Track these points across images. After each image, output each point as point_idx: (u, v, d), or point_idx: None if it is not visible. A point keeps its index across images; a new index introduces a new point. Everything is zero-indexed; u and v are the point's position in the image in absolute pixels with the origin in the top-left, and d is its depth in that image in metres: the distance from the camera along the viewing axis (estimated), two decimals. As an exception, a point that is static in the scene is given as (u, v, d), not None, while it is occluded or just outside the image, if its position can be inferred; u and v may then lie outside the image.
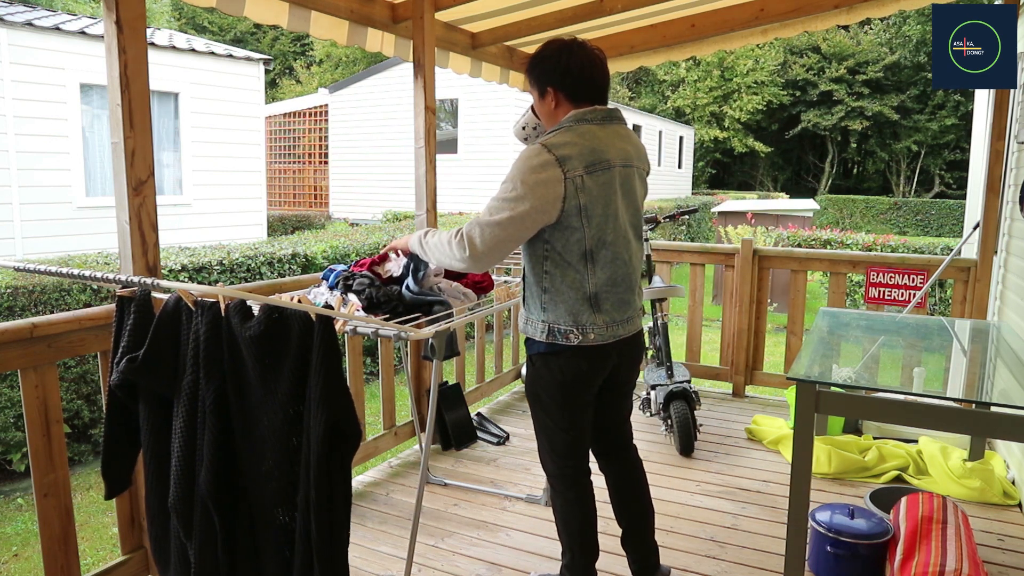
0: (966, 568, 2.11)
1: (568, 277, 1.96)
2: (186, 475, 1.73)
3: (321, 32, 3.17)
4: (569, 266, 1.95)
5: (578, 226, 1.92)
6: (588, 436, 2.23)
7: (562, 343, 2.00)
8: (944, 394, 2.35)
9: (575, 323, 1.98)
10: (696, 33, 4.02)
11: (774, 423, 3.91)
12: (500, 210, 1.89)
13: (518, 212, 1.87)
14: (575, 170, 1.89)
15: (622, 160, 2.00)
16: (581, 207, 1.91)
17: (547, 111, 2.07)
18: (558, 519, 2.27)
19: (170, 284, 1.77)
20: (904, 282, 3.99)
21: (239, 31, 27.82)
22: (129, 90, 2.08)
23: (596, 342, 2.00)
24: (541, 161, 1.88)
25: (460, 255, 1.93)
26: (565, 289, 1.97)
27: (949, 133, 24.24)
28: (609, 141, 1.98)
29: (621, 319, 2.05)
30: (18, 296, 4.31)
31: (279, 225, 12.48)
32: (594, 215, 1.93)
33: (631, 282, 2.06)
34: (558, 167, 1.87)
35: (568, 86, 2.01)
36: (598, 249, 1.96)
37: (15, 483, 4.35)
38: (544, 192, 1.87)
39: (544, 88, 2.04)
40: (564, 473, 2.21)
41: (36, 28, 8.13)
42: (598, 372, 2.09)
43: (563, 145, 1.91)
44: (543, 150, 1.90)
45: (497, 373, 4.54)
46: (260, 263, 5.74)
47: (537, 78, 2.06)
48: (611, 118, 2.03)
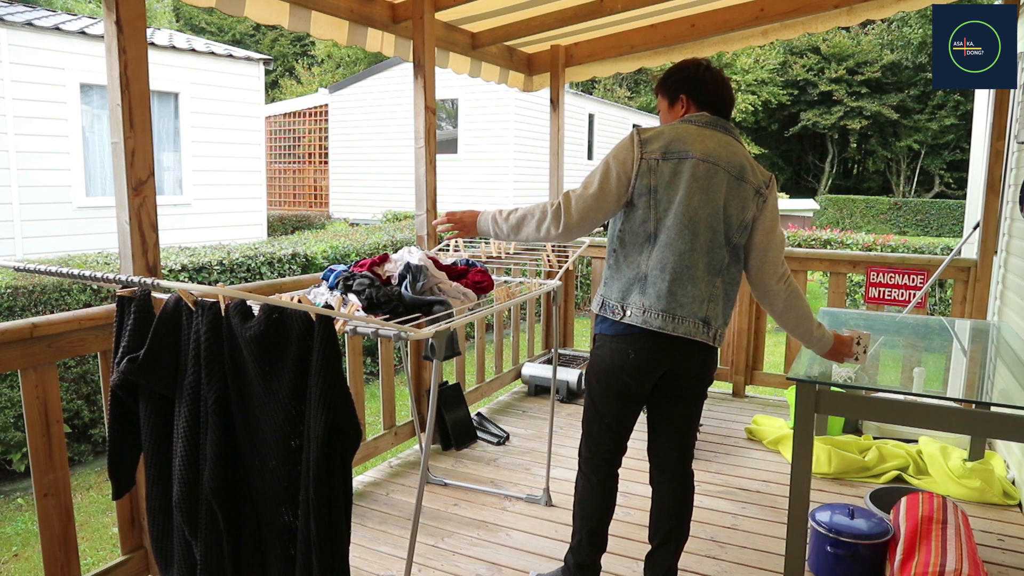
0: (966, 568, 2.11)
1: (630, 258, 2.06)
2: (190, 474, 1.73)
3: (321, 32, 3.17)
4: (633, 248, 2.05)
5: (645, 207, 2.02)
6: (626, 431, 2.22)
7: (609, 317, 2.08)
8: (944, 394, 2.35)
9: (622, 299, 2.05)
10: (696, 33, 4.02)
11: (774, 423, 3.91)
12: (590, 184, 2.06)
13: (604, 184, 2.04)
14: (653, 153, 2.01)
15: (703, 155, 2.01)
16: (651, 188, 2.01)
17: (675, 116, 2.17)
18: (576, 502, 2.30)
19: (170, 284, 1.77)
20: (904, 282, 3.99)
21: (238, 32, 27.81)
22: (129, 90, 2.08)
23: (634, 323, 2.01)
24: (626, 142, 2.06)
25: (558, 224, 2.08)
26: (625, 268, 2.06)
27: (949, 133, 24.24)
28: (698, 138, 2.04)
29: (666, 311, 1.99)
30: (18, 296, 4.31)
31: (279, 225, 12.48)
32: (663, 199, 2.01)
33: (686, 277, 1.99)
34: (639, 148, 2.03)
35: (699, 95, 2.13)
36: (659, 232, 2.02)
37: (15, 483, 4.35)
38: (622, 168, 2.03)
39: (677, 95, 2.16)
40: (593, 457, 2.24)
41: (36, 28, 8.13)
42: (646, 365, 2.06)
43: (650, 131, 2.06)
44: (633, 133, 2.07)
45: (497, 373, 4.54)
46: (260, 263, 5.74)
47: (671, 87, 2.17)
48: (715, 124, 2.09)
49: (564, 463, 3.51)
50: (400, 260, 2.38)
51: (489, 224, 2.26)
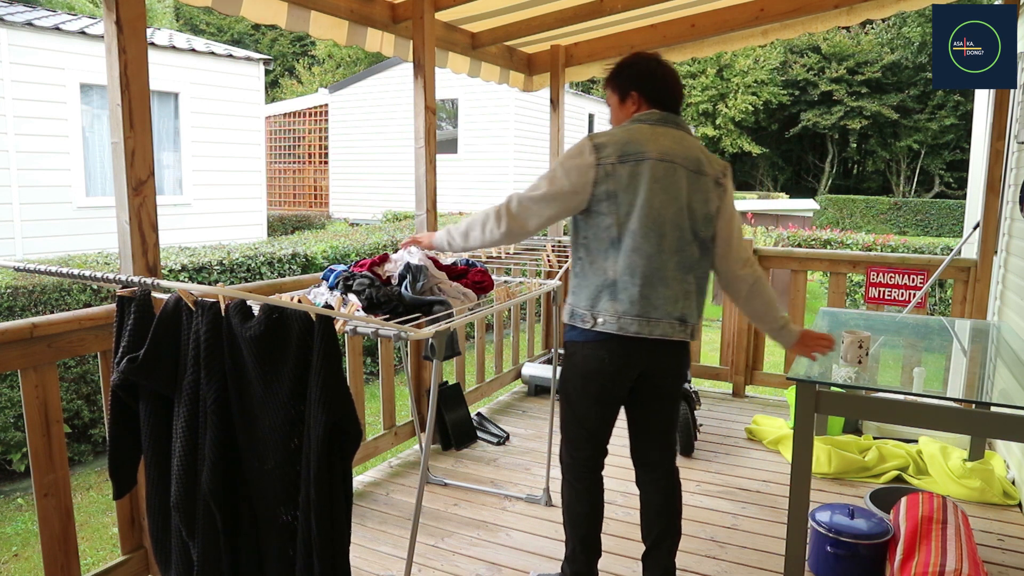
0: (966, 568, 2.11)
1: (596, 264, 2.04)
2: (188, 474, 1.73)
3: (320, 32, 3.17)
4: (599, 253, 2.03)
5: (607, 212, 2.00)
6: (606, 434, 2.22)
7: (579, 326, 2.06)
8: (944, 394, 2.35)
9: (591, 307, 2.04)
10: (696, 33, 4.02)
11: (774, 423, 3.91)
12: (537, 187, 2.05)
13: (552, 190, 2.02)
14: (608, 158, 1.99)
15: (660, 154, 2.00)
16: (610, 193, 1.99)
17: (624, 115, 2.15)
18: (564, 510, 2.29)
19: (170, 284, 1.77)
20: (904, 282, 3.99)
21: (237, 32, 27.80)
22: (129, 90, 2.08)
23: (606, 330, 1.99)
24: (580, 148, 2.04)
25: (500, 226, 2.08)
26: (591, 275, 2.05)
27: (949, 133, 24.24)
28: (653, 137, 2.02)
29: (640, 316, 1.99)
30: (18, 296, 4.31)
31: (279, 225, 12.48)
32: (623, 203, 1.99)
33: (657, 279, 1.99)
34: (593, 154, 2.00)
35: (652, 91, 2.11)
36: (623, 237, 2.00)
37: (15, 483, 4.35)
38: (576, 175, 2.00)
39: (627, 92, 2.13)
40: (575, 464, 2.24)
41: (36, 28, 8.13)
42: (621, 368, 2.06)
43: (603, 135, 2.04)
44: (586, 140, 2.05)
45: (497, 373, 4.54)
46: (260, 263, 5.74)
47: (622, 83, 2.15)
48: (666, 121, 2.08)
49: (564, 463, 3.51)
50: (400, 260, 2.38)
51: (443, 238, 2.29)
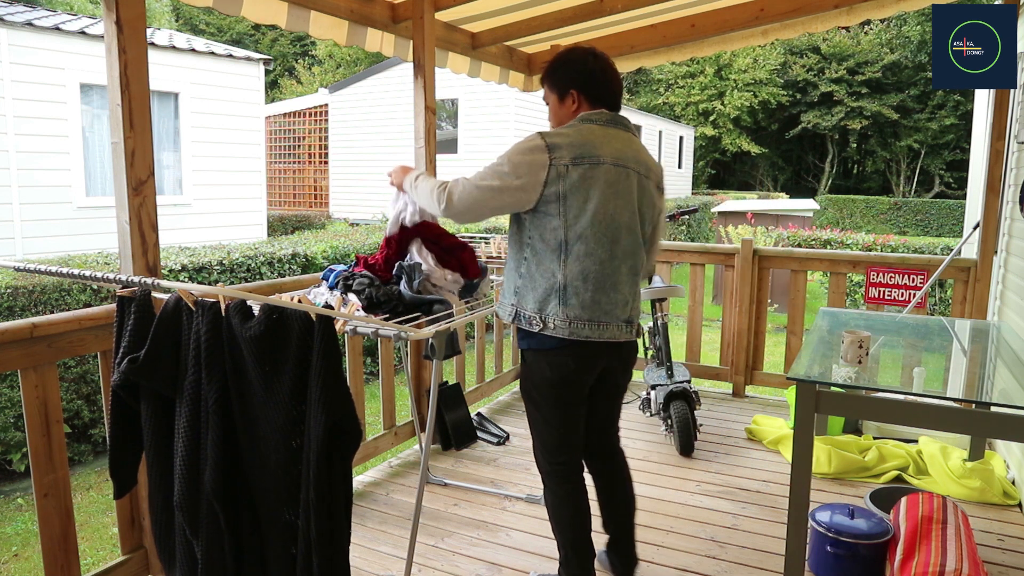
0: (966, 568, 2.11)
1: (543, 266, 2.01)
2: (191, 474, 1.73)
3: (320, 32, 3.17)
4: (545, 255, 2.00)
5: (555, 214, 1.97)
6: (579, 434, 2.24)
7: (527, 329, 2.05)
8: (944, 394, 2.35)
9: (539, 311, 2.01)
10: (696, 33, 4.02)
11: (774, 423, 3.91)
12: (484, 177, 1.99)
13: (499, 184, 1.96)
14: (562, 159, 1.95)
15: (614, 159, 2.00)
16: (560, 195, 1.96)
17: (565, 114, 2.11)
18: (551, 517, 2.28)
19: (170, 284, 1.77)
20: (904, 282, 3.99)
21: (237, 32, 27.79)
22: (129, 90, 2.08)
23: (559, 335, 2.00)
24: (532, 145, 1.98)
25: (439, 205, 2.03)
26: (539, 278, 2.01)
27: (949, 133, 24.24)
28: (605, 140, 2.01)
29: (592, 320, 2.01)
30: (18, 296, 4.31)
31: (279, 225, 12.48)
32: (572, 206, 1.96)
33: (608, 285, 2.02)
34: (546, 153, 1.96)
35: (593, 91, 2.07)
36: (573, 241, 1.98)
37: (15, 483, 4.35)
38: (528, 172, 1.95)
39: (567, 90, 2.09)
40: (555, 470, 2.22)
41: (36, 28, 8.13)
42: (586, 371, 2.11)
43: (556, 135, 2.00)
44: (537, 136, 1.99)
45: (497, 373, 4.54)
46: (260, 263, 5.74)
47: (559, 81, 2.11)
48: (615, 122, 2.07)
49: (564, 463, 3.51)
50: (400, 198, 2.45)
51: (408, 185, 2.24)
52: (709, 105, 25.60)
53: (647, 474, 3.39)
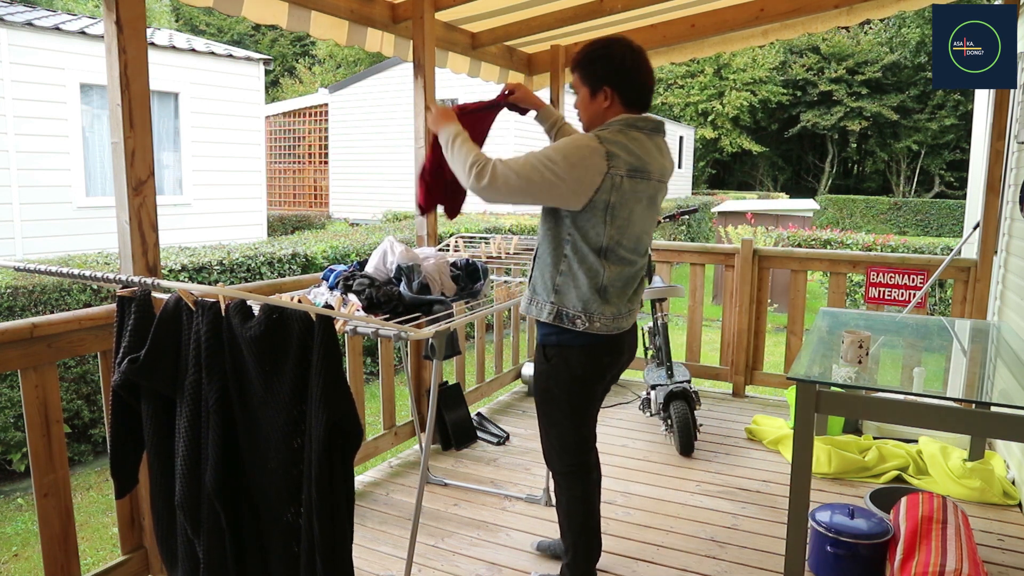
0: (966, 568, 2.11)
1: (585, 266, 2.00)
2: (191, 474, 1.73)
3: (321, 32, 3.17)
4: (587, 256, 1.99)
5: (600, 222, 1.96)
6: (594, 431, 2.26)
7: (568, 327, 2.03)
8: (944, 394, 2.35)
9: (584, 310, 2.02)
10: (696, 33, 4.02)
11: (774, 423, 3.91)
12: (534, 168, 1.90)
13: (550, 178, 1.88)
14: (618, 169, 1.93)
15: (659, 175, 2.05)
16: (609, 205, 1.94)
17: (596, 110, 2.05)
18: (563, 517, 2.27)
19: (170, 284, 1.77)
20: (904, 282, 3.99)
21: (237, 33, 27.79)
22: (129, 90, 2.08)
23: (602, 331, 2.03)
24: (592, 148, 1.91)
25: (476, 179, 1.91)
26: (581, 276, 2.01)
27: (949, 133, 24.25)
28: (653, 154, 2.02)
29: (625, 312, 2.10)
30: (18, 296, 4.31)
31: (279, 225, 12.48)
32: (618, 217, 1.96)
33: (636, 282, 2.13)
34: (605, 160, 1.90)
35: (628, 90, 2.01)
36: (613, 248, 1.99)
37: (15, 483, 4.35)
38: (581, 175, 1.89)
39: (600, 86, 2.02)
40: (572, 471, 2.22)
41: (36, 28, 8.13)
42: (612, 365, 2.15)
43: (614, 143, 1.94)
44: (596, 141, 1.93)
45: (497, 373, 4.54)
46: (260, 263, 5.74)
47: (594, 75, 2.02)
48: (657, 130, 2.06)
49: (564, 463, 3.51)
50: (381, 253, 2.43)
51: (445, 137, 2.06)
52: (708, 105, 25.60)
53: (647, 474, 3.39)
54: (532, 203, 1.98)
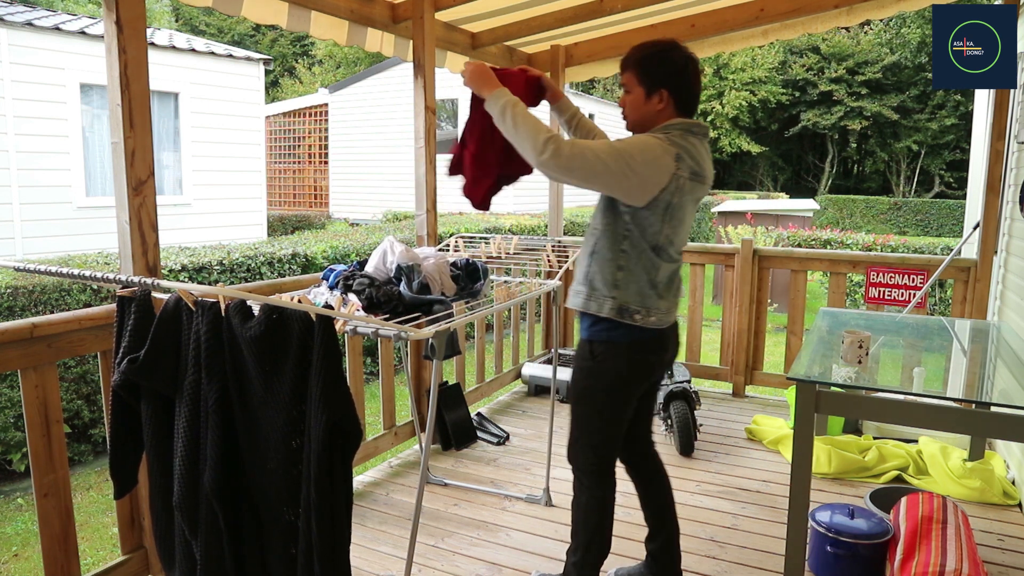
0: (966, 568, 2.11)
1: (642, 261, 2.03)
2: (190, 474, 1.73)
3: (320, 32, 3.17)
4: (645, 251, 2.02)
5: (659, 220, 1.99)
6: (646, 432, 2.33)
7: (627, 323, 2.04)
8: (944, 394, 2.35)
9: (643, 304, 2.04)
10: (696, 33, 4.02)
11: (774, 423, 3.91)
12: (611, 155, 1.89)
13: (622, 169, 1.89)
14: (683, 172, 1.96)
15: (710, 180, 2.10)
16: (669, 205, 1.98)
17: (649, 111, 2.04)
18: (579, 515, 2.26)
19: (170, 284, 1.77)
20: (904, 282, 3.99)
21: (237, 33, 27.78)
22: (129, 90, 2.08)
23: (656, 325, 2.07)
24: (665, 148, 1.94)
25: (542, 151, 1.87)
26: (639, 271, 2.03)
27: (949, 133, 24.23)
28: (707, 159, 2.07)
29: (674, 306, 2.15)
30: (18, 296, 4.31)
31: (279, 225, 12.47)
32: (675, 217, 2.01)
33: (678, 278, 2.18)
34: (675, 161, 1.95)
35: (683, 95, 2.04)
36: (665, 247, 2.04)
37: (15, 483, 4.35)
38: (651, 173, 1.92)
39: (657, 88, 2.02)
40: (600, 469, 2.21)
41: (36, 28, 8.13)
42: (657, 365, 2.17)
43: (681, 147, 1.97)
44: (668, 141, 1.96)
45: (497, 373, 4.54)
46: (260, 263, 5.74)
47: (653, 76, 2.02)
48: (707, 136, 2.11)
49: (564, 463, 3.50)
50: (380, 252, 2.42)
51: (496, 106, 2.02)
52: (708, 105, 25.59)
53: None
54: (595, 188, 1.97)
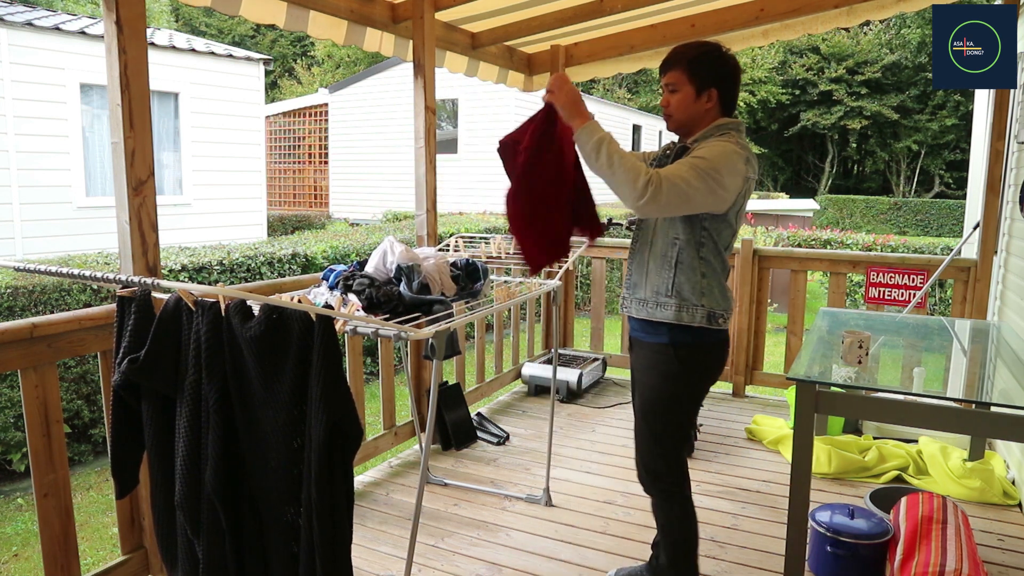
0: (966, 568, 2.11)
1: (718, 264, 2.07)
2: (191, 474, 1.73)
3: (319, 32, 3.17)
4: (720, 255, 2.06)
5: (731, 222, 2.04)
6: None
7: (711, 327, 2.05)
8: (944, 394, 2.35)
9: (725, 308, 2.08)
10: (696, 33, 4.01)
11: (774, 423, 3.91)
12: (698, 177, 1.88)
13: (711, 187, 1.90)
14: (752, 173, 2.02)
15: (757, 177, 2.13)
16: (740, 208, 2.04)
17: (698, 110, 2.04)
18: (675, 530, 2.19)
19: (170, 284, 1.77)
20: (904, 282, 3.99)
21: (237, 34, 27.78)
22: (129, 90, 2.08)
23: (726, 327, 2.10)
24: (740, 155, 1.97)
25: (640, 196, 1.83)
26: (718, 276, 2.07)
27: (949, 133, 24.24)
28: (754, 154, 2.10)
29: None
30: (18, 296, 4.31)
31: (279, 225, 12.47)
32: (739, 217, 2.06)
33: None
34: (746, 165, 1.99)
35: (729, 95, 2.08)
36: (728, 246, 2.09)
37: (15, 483, 4.35)
38: (733, 181, 1.95)
39: (707, 87, 2.02)
40: (681, 472, 2.18)
41: (36, 28, 8.13)
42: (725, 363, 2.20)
43: (747, 148, 2.02)
44: (741, 147, 1.98)
45: (497, 373, 4.54)
46: (260, 263, 5.74)
47: (705, 75, 2.01)
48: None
49: (564, 463, 3.51)
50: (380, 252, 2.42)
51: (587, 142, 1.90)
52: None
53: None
54: (693, 211, 1.96)
